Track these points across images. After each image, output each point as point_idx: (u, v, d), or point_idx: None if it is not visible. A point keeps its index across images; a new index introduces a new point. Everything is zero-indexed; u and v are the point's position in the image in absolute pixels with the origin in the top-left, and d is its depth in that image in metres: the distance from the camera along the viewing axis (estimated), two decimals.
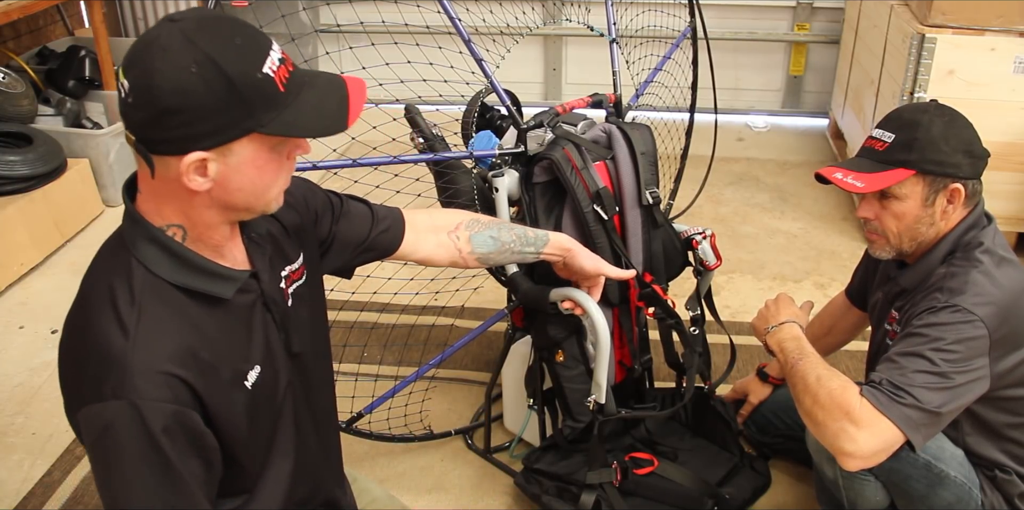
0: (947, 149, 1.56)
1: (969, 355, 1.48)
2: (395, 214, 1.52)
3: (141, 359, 1.04)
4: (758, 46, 4.50)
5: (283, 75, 1.05)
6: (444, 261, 1.59)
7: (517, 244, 1.63)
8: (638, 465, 1.94)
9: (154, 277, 1.09)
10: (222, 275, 1.14)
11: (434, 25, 1.91)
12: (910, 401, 1.44)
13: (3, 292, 3.03)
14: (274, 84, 1.04)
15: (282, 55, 1.07)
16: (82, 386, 1.06)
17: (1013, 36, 2.87)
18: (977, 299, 1.51)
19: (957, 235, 1.62)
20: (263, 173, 1.08)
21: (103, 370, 1.04)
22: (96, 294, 1.10)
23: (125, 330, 1.05)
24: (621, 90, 2.16)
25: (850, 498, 1.73)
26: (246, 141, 1.05)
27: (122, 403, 1.02)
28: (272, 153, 1.08)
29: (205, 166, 1.04)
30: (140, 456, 1.03)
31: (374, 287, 2.25)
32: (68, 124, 3.62)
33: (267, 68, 1.04)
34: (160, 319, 1.07)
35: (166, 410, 1.04)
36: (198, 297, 1.11)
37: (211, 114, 1.01)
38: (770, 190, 3.78)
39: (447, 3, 1.86)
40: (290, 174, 1.15)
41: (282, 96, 1.05)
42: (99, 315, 1.07)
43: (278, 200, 1.14)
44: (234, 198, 1.09)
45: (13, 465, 2.23)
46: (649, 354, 2.07)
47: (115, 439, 1.03)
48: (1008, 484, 1.67)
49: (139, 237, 1.10)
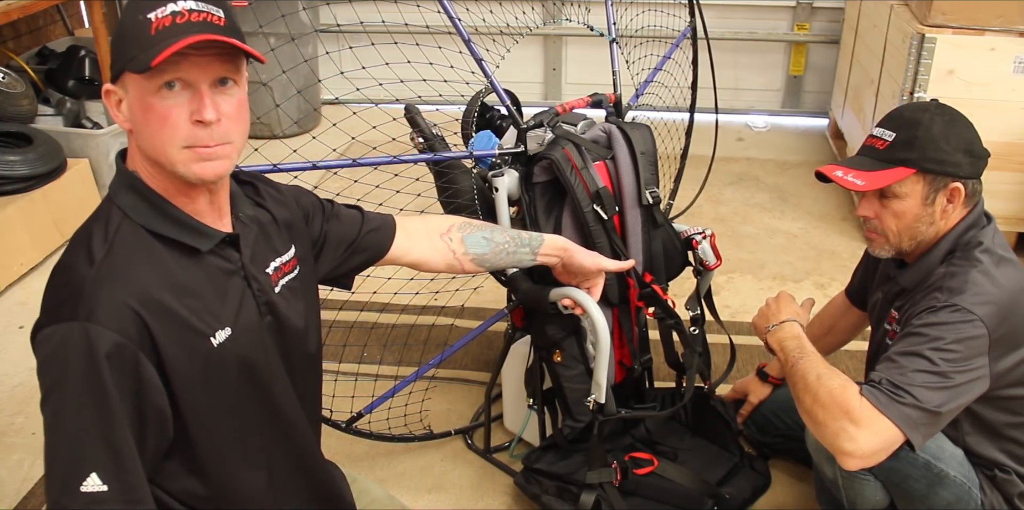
0: (948, 148, 1.56)
1: (969, 354, 1.48)
2: (386, 218, 1.55)
3: (100, 286, 1.10)
4: (758, 46, 4.50)
5: (164, 22, 1.09)
6: (440, 264, 1.59)
7: (511, 245, 1.64)
8: (638, 465, 1.94)
9: (131, 222, 1.16)
10: (197, 229, 1.19)
11: (434, 25, 1.91)
12: (910, 400, 1.44)
13: (3, 292, 3.03)
14: (147, 26, 1.09)
15: (182, 10, 1.10)
16: (44, 312, 1.13)
17: (1013, 36, 2.87)
18: (977, 298, 1.51)
19: (957, 234, 1.62)
20: (148, 119, 1.12)
21: (63, 294, 1.11)
22: (75, 238, 1.17)
23: (92, 260, 1.12)
24: (621, 90, 2.16)
25: (850, 498, 1.73)
26: (129, 79, 1.11)
27: (73, 324, 1.08)
28: (154, 99, 1.11)
29: (120, 103, 1.14)
30: (80, 375, 1.08)
31: (374, 287, 2.25)
32: (68, 124, 3.62)
33: (152, 14, 1.10)
34: (129, 257, 1.13)
35: (114, 339, 1.08)
36: (173, 246, 1.17)
37: (113, 47, 1.14)
38: (770, 190, 3.78)
39: (447, 3, 1.86)
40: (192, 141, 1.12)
41: (148, 38, 1.09)
42: (73, 252, 1.15)
43: (185, 164, 1.13)
44: (142, 143, 1.15)
45: (13, 465, 2.23)
46: (649, 354, 2.07)
47: (61, 357, 1.08)
48: (1008, 484, 1.67)
49: (121, 185, 1.18)
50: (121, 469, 1.09)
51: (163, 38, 1.08)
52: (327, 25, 4.28)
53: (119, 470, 1.09)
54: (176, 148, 1.12)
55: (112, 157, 3.48)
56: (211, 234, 1.20)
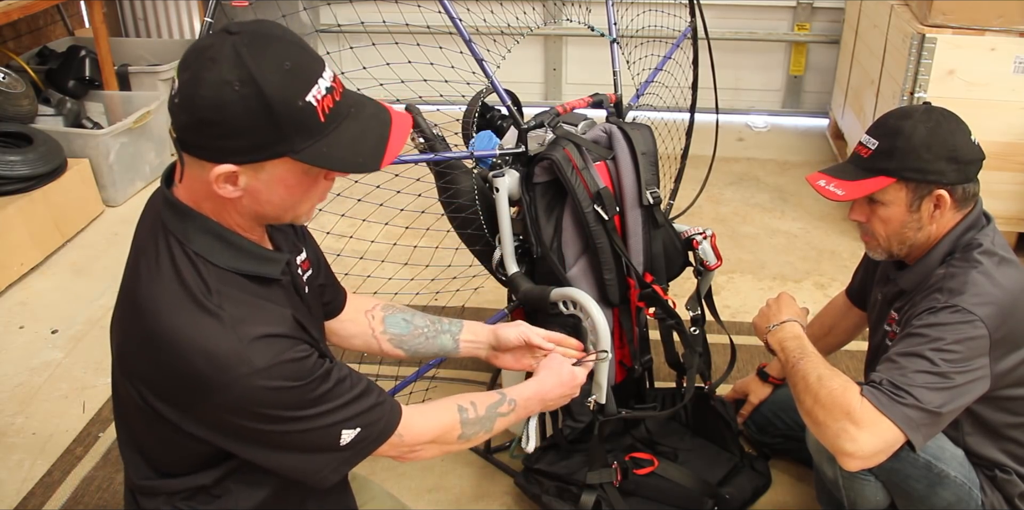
0: (928, 156, 1.56)
1: (969, 355, 1.48)
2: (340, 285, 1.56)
3: (243, 333, 1.09)
4: (758, 46, 4.51)
5: (327, 104, 1.07)
6: (357, 340, 1.58)
7: (430, 330, 1.60)
8: (638, 465, 1.94)
9: (215, 267, 1.13)
10: (268, 257, 1.20)
11: (435, 25, 1.91)
12: (910, 401, 1.44)
13: (3, 292, 3.03)
14: (315, 113, 1.05)
15: (332, 83, 1.08)
16: (201, 382, 1.09)
17: (1013, 36, 2.87)
18: (977, 299, 1.51)
19: (955, 236, 1.62)
20: (293, 192, 1.12)
21: (215, 360, 1.08)
22: (166, 293, 1.11)
23: (215, 315, 1.09)
24: (622, 90, 2.16)
25: (850, 498, 1.73)
26: (278, 162, 1.07)
27: (248, 378, 1.08)
28: (305, 176, 1.11)
29: (236, 177, 1.07)
30: (291, 403, 1.12)
31: (374, 287, 2.25)
32: (68, 124, 3.62)
33: (311, 96, 1.05)
34: (239, 298, 1.13)
35: (284, 360, 1.11)
36: (252, 279, 1.17)
37: (245, 133, 1.03)
38: (770, 190, 3.78)
39: (448, 3, 1.86)
40: (326, 192, 1.18)
41: (320, 126, 1.06)
42: (184, 313, 1.10)
43: (308, 214, 1.19)
44: (263, 209, 1.14)
45: (13, 465, 2.23)
46: (649, 354, 2.07)
47: (264, 404, 1.10)
48: (1008, 484, 1.67)
49: (192, 230, 1.14)
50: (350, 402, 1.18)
51: (337, 124, 1.08)
52: (328, 25, 4.28)
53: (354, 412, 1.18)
54: (310, 205, 1.18)
55: (112, 157, 3.48)
56: (279, 259, 1.22)
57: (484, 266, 2.09)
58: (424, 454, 1.33)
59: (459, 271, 2.42)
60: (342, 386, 1.18)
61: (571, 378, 1.54)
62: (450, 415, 1.35)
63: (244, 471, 1.24)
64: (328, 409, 1.16)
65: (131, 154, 3.56)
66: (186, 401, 1.12)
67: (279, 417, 1.12)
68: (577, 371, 1.56)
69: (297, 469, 1.19)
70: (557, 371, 1.53)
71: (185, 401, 1.12)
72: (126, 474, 1.30)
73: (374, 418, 1.22)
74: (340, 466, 1.22)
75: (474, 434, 1.38)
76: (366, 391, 1.22)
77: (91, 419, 2.39)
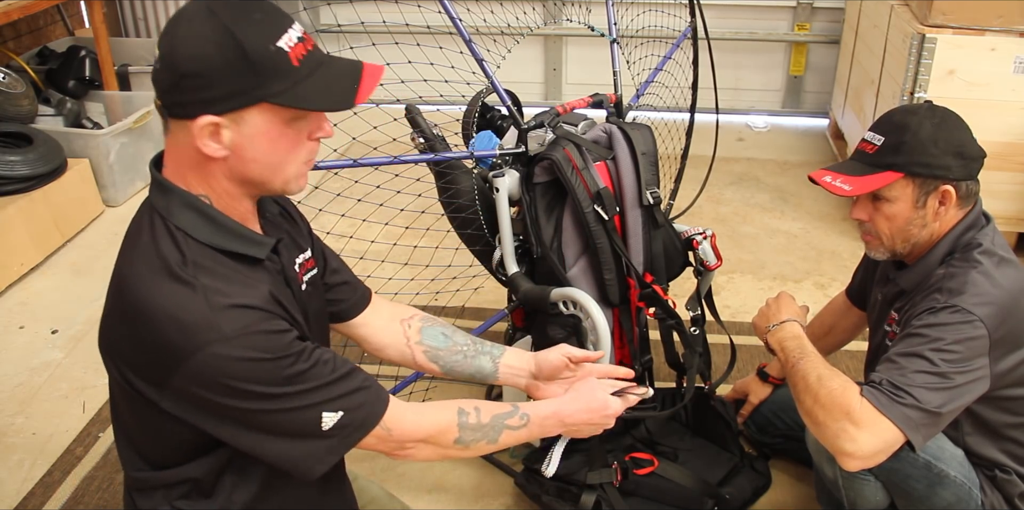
0: (936, 151, 1.56)
1: (969, 355, 1.48)
2: (363, 285, 1.54)
3: (213, 301, 1.08)
4: (758, 46, 4.51)
5: (299, 52, 1.09)
6: (390, 349, 1.52)
7: (470, 349, 1.53)
8: (638, 465, 1.94)
9: (196, 241, 1.13)
10: (254, 239, 1.19)
11: (435, 25, 1.91)
12: (910, 401, 1.44)
13: (3, 292, 3.03)
14: (287, 58, 1.08)
15: (302, 35, 1.11)
16: (168, 351, 1.08)
17: (1013, 36, 2.87)
18: (976, 299, 1.51)
19: (955, 236, 1.62)
20: (276, 146, 1.12)
21: (185, 328, 1.07)
22: (144, 266, 1.12)
23: (188, 284, 1.09)
24: (622, 90, 2.16)
25: (850, 498, 1.73)
26: (257, 111, 1.08)
27: (217, 345, 1.06)
28: (287, 128, 1.11)
29: (219, 132, 1.08)
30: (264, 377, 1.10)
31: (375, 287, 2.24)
32: (68, 124, 3.62)
33: (282, 42, 1.08)
34: (215, 270, 1.12)
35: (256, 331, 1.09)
36: (236, 258, 1.16)
37: (223, 79, 1.06)
38: (770, 190, 3.78)
39: (448, 3, 1.86)
40: (311, 156, 1.18)
41: (294, 70, 1.08)
42: (157, 283, 1.10)
43: (297, 181, 1.17)
44: (249, 169, 1.13)
45: (13, 465, 2.23)
46: (649, 354, 2.07)
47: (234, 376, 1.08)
48: (1008, 484, 1.67)
49: (174, 205, 1.14)
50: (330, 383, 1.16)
51: (312, 69, 1.09)
52: (328, 25, 4.28)
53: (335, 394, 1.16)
54: (296, 166, 1.15)
55: (112, 157, 3.48)
56: (264, 242, 1.20)
57: (484, 266, 2.09)
58: (417, 453, 1.28)
59: (459, 271, 2.42)
60: (323, 368, 1.16)
61: (601, 405, 1.40)
62: (447, 416, 1.29)
63: (235, 464, 1.22)
64: (306, 389, 1.13)
65: (131, 154, 3.55)
66: (160, 373, 1.10)
67: (252, 392, 1.09)
68: (612, 400, 1.41)
69: (281, 456, 1.16)
70: (587, 395, 1.40)
71: (159, 374, 1.10)
72: (124, 471, 1.30)
73: (357, 402, 1.19)
74: (325, 455, 1.18)
75: (474, 441, 1.30)
76: (349, 374, 1.19)
77: (91, 419, 2.39)
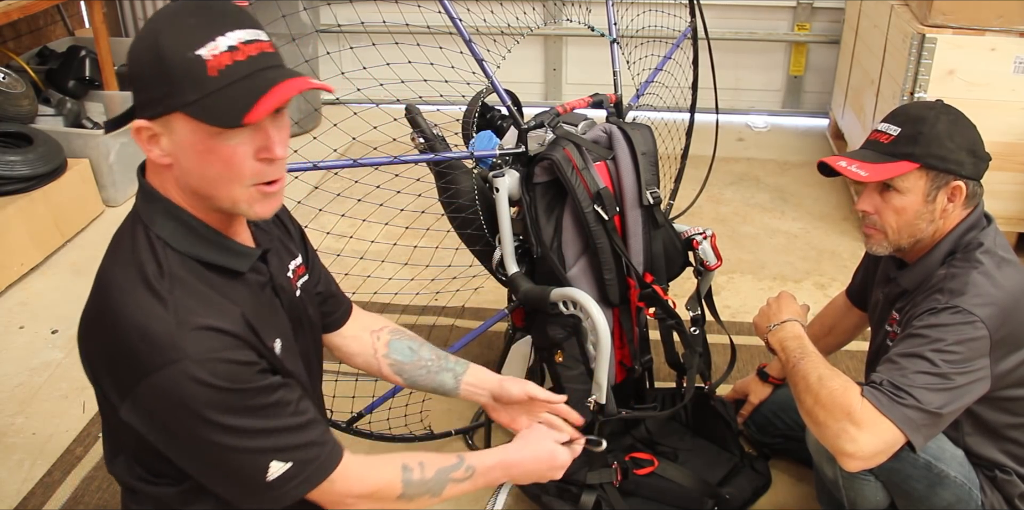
0: (951, 146, 1.56)
1: (970, 356, 1.48)
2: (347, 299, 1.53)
3: (183, 320, 1.06)
4: (758, 46, 4.50)
5: (223, 61, 1.03)
6: (357, 358, 1.53)
7: (434, 364, 1.53)
8: (638, 465, 1.94)
9: (175, 251, 1.12)
10: (235, 250, 1.17)
11: (435, 25, 1.91)
12: (911, 402, 1.44)
13: (3, 292, 3.03)
14: (203, 66, 1.03)
15: (237, 45, 1.04)
16: (132, 362, 1.07)
17: (1013, 36, 2.87)
18: (978, 300, 1.51)
19: (957, 236, 1.62)
20: (207, 161, 1.07)
21: (151, 342, 1.06)
22: (123, 273, 1.11)
23: (161, 298, 1.07)
24: (622, 90, 2.16)
25: (850, 498, 1.73)
26: (180, 120, 1.06)
27: (178, 366, 1.05)
28: (215, 141, 1.05)
29: (158, 138, 1.08)
30: (219, 406, 1.07)
31: (375, 287, 2.25)
32: (68, 124, 3.62)
33: (204, 51, 1.03)
34: (192, 286, 1.10)
35: (221, 358, 1.07)
36: (217, 270, 1.14)
37: (146, 85, 1.06)
38: (770, 190, 3.78)
39: (448, 3, 1.86)
40: (261, 179, 1.10)
41: (209, 80, 1.03)
42: (132, 293, 1.09)
43: (251, 205, 1.11)
44: (191, 181, 1.10)
45: (13, 465, 2.23)
46: (649, 354, 2.07)
47: (190, 399, 1.06)
48: (1008, 484, 1.67)
49: (156, 213, 1.13)
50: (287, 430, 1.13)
51: (233, 82, 1.03)
52: (328, 25, 4.28)
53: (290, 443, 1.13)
54: (241, 188, 1.09)
55: (112, 157, 3.48)
56: (248, 254, 1.19)
57: (484, 266, 2.09)
58: (354, 506, 1.24)
59: (459, 271, 2.42)
60: (283, 409, 1.13)
61: (549, 456, 1.40)
62: (391, 472, 1.26)
63: None
64: (261, 429, 1.10)
65: (131, 154, 3.55)
66: (124, 383, 1.09)
67: (206, 420, 1.07)
68: (560, 452, 1.40)
69: (224, 493, 1.15)
70: (535, 445, 1.40)
71: (123, 383, 1.09)
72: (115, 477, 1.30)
73: (310, 456, 1.16)
74: (264, 502, 1.15)
75: (417, 495, 1.28)
76: (308, 424, 1.16)
77: (91, 419, 2.39)
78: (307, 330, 1.34)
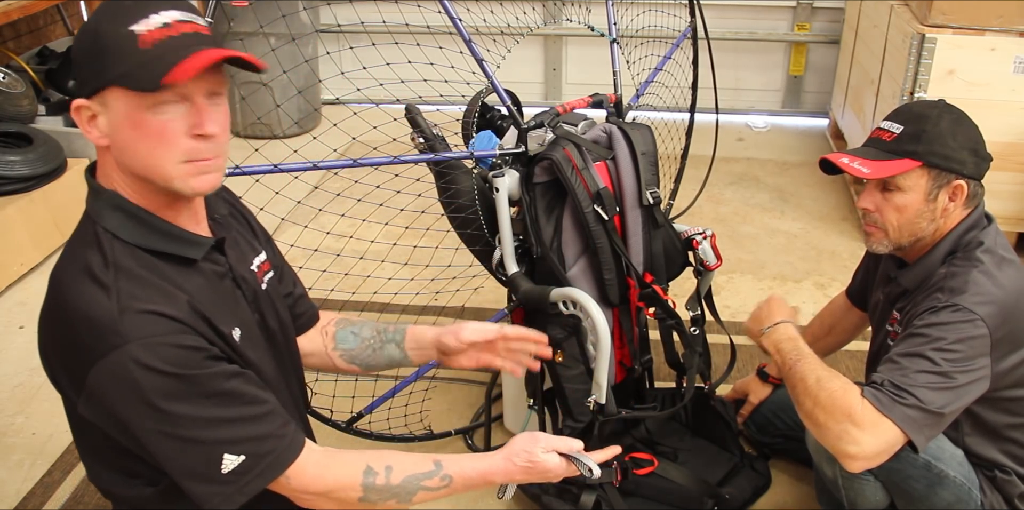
0: (954, 145, 1.56)
1: (971, 354, 1.48)
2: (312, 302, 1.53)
3: (126, 306, 1.07)
4: (758, 46, 4.51)
5: (155, 36, 1.06)
6: (314, 359, 1.53)
7: (376, 341, 1.53)
8: (638, 465, 1.93)
9: (123, 243, 1.13)
10: (186, 239, 1.18)
11: (435, 25, 1.90)
12: (912, 402, 1.44)
13: (3, 292, 3.03)
14: (135, 41, 1.06)
15: (171, 22, 1.07)
16: (80, 352, 1.08)
17: (1013, 36, 2.87)
18: (978, 298, 1.51)
19: (957, 235, 1.62)
20: (141, 134, 1.08)
21: (95, 329, 1.07)
22: (70, 268, 1.13)
23: (104, 286, 1.08)
24: (621, 90, 2.16)
25: (850, 498, 1.73)
26: (114, 94, 1.08)
27: (123, 350, 1.05)
28: (148, 114, 1.07)
29: (95, 118, 1.10)
30: (166, 392, 1.07)
31: (375, 287, 2.25)
32: (68, 124, 3.62)
33: (137, 26, 1.06)
34: (137, 275, 1.11)
35: (166, 342, 1.07)
36: (169, 259, 1.15)
37: (83, 62, 1.08)
38: (770, 190, 3.78)
39: (448, 3, 1.85)
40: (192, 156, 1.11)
41: (140, 52, 1.06)
42: (76, 284, 1.10)
43: (182, 179, 1.12)
44: (126, 158, 1.12)
45: (13, 465, 2.23)
46: (649, 354, 2.07)
47: (136, 385, 1.06)
48: (1008, 484, 1.67)
49: (102, 207, 1.15)
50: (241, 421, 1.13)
51: (163, 53, 1.05)
52: (327, 25, 4.28)
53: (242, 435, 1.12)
54: (174, 163, 1.10)
55: None
56: (200, 242, 1.19)
57: (484, 266, 2.09)
58: (318, 505, 1.22)
59: (459, 271, 2.42)
60: (236, 399, 1.12)
61: (542, 469, 1.33)
62: (352, 474, 1.22)
63: None
64: (212, 418, 1.10)
65: None
66: (76, 375, 1.09)
67: (155, 407, 1.06)
68: (551, 461, 1.32)
69: (188, 489, 1.14)
70: (523, 457, 1.31)
71: (75, 375, 1.09)
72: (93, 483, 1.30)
73: (265, 449, 1.14)
74: (223, 501, 1.13)
75: (381, 500, 1.24)
76: (265, 416, 1.15)
77: None
78: (278, 326, 1.34)
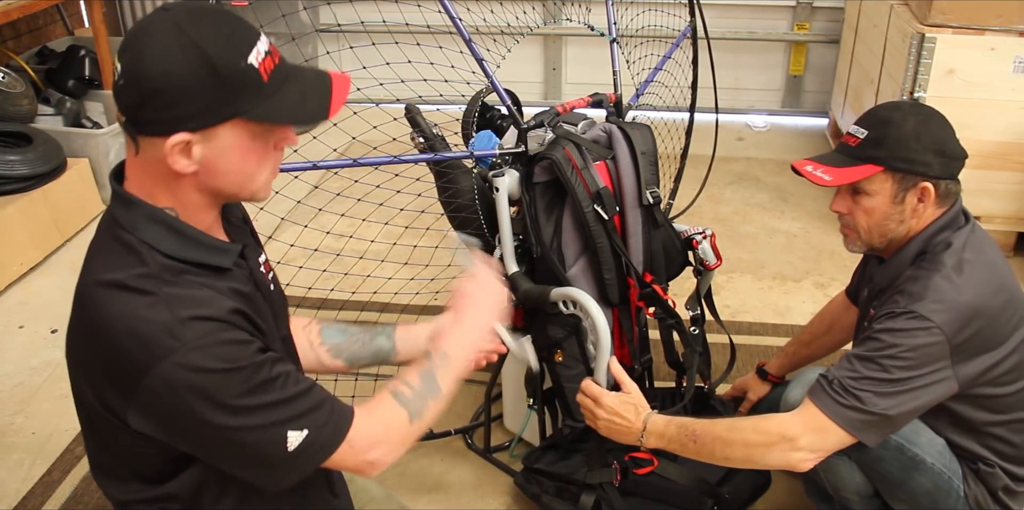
0: (917, 148, 1.56)
1: (925, 361, 1.49)
2: None
3: (174, 312, 1.07)
4: (758, 46, 4.50)
5: (268, 66, 1.10)
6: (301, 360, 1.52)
7: (366, 334, 1.56)
8: (638, 465, 1.94)
9: (160, 254, 1.12)
10: (219, 247, 1.18)
11: (435, 25, 1.91)
12: (853, 403, 1.47)
13: (3, 292, 3.03)
14: (257, 74, 1.08)
15: (269, 48, 1.11)
16: (129, 364, 1.07)
17: (1013, 36, 2.87)
18: (935, 305, 1.50)
19: (928, 235, 1.62)
20: (247, 160, 1.12)
21: (142, 339, 1.06)
22: (109, 280, 1.11)
23: (149, 294, 1.08)
24: (621, 90, 2.16)
25: (830, 481, 1.74)
26: (229, 126, 1.08)
27: (176, 356, 1.05)
28: (256, 141, 1.11)
29: (190, 148, 1.08)
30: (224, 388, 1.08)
31: (374, 287, 2.25)
32: (68, 124, 3.62)
33: (252, 59, 1.08)
34: (180, 282, 1.11)
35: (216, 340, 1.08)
36: (203, 269, 1.15)
37: (194, 97, 1.05)
38: (770, 190, 3.78)
39: (448, 3, 1.86)
40: (277, 164, 1.19)
41: (265, 86, 1.09)
42: (117, 298, 1.09)
43: (265, 189, 1.18)
44: (219, 182, 1.13)
45: (13, 465, 2.23)
46: (649, 354, 2.07)
47: (194, 387, 1.06)
48: (991, 477, 1.67)
49: (139, 218, 1.13)
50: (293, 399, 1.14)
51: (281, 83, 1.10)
52: (327, 25, 4.28)
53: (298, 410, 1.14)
54: (265, 177, 1.17)
55: (112, 157, 3.48)
56: (229, 249, 1.20)
57: None
58: (380, 458, 1.25)
59: (459, 271, 2.42)
60: (285, 380, 1.14)
61: (487, 289, 1.49)
62: (388, 405, 1.27)
63: (214, 477, 1.21)
64: (270, 402, 1.12)
65: None
66: (125, 387, 1.09)
67: (216, 404, 1.08)
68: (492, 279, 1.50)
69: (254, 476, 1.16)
70: (466, 285, 1.49)
71: (125, 388, 1.09)
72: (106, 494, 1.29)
73: (322, 420, 1.17)
74: (292, 473, 1.17)
75: (423, 407, 1.30)
76: (310, 390, 1.18)
77: None
78: (284, 323, 1.35)
